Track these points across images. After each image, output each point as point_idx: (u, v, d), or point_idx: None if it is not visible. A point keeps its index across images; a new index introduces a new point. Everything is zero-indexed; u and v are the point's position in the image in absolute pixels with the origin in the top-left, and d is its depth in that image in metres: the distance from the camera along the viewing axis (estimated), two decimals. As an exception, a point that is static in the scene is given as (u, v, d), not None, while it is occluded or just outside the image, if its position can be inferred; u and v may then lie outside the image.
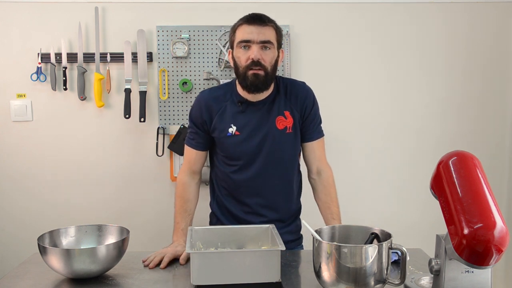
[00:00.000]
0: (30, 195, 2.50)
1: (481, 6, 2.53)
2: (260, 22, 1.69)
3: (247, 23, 1.70)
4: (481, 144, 2.60)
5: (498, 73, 2.59)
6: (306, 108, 1.84)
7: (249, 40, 1.68)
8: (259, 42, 1.68)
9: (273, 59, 1.72)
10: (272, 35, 1.71)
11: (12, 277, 1.48)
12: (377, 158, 2.60)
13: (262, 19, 1.70)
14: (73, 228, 1.58)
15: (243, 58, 1.70)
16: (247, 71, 1.69)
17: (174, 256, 1.60)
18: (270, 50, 1.71)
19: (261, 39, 1.68)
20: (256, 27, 1.68)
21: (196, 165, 1.88)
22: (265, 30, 1.69)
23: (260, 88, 1.73)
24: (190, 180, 1.87)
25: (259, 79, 1.70)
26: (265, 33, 1.69)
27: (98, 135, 2.49)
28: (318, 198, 1.89)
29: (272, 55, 1.71)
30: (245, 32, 1.69)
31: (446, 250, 1.15)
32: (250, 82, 1.70)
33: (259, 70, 1.69)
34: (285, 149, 1.82)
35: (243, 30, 1.70)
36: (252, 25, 1.69)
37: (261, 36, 1.68)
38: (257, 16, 1.71)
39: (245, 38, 1.69)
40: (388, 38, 2.53)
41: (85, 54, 2.42)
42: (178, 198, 1.85)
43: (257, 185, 1.81)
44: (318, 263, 1.26)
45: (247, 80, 1.70)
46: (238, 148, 1.79)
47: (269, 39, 1.69)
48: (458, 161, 1.18)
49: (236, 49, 1.73)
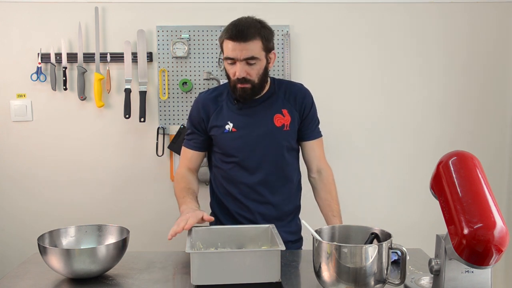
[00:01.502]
0: (30, 195, 2.50)
1: (481, 6, 2.53)
2: (243, 38, 1.67)
3: (230, 39, 1.68)
4: (481, 144, 2.60)
5: (498, 73, 2.58)
6: (305, 108, 1.86)
7: (233, 58, 1.70)
8: (243, 60, 1.69)
9: (260, 70, 1.74)
10: (257, 48, 1.70)
11: (12, 277, 1.48)
12: (377, 158, 2.60)
13: (244, 35, 1.67)
14: (73, 228, 1.58)
15: (231, 72, 1.75)
16: (236, 84, 1.74)
17: (197, 219, 1.53)
18: (255, 64, 1.72)
19: (244, 57, 1.69)
20: (239, 43, 1.67)
21: (193, 164, 1.88)
22: (249, 45, 1.68)
23: (248, 99, 1.79)
24: (189, 173, 1.87)
25: (247, 92, 1.76)
26: (249, 48, 1.68)
27: (98, 135, 2.49)
28: (318, 196, 1.90)
29: (258, 68, 1.73)
30: (229, 49, 1.70)
31: (446, 250, 1.15)
32: (239, 95, 1.77)
33: (245, 85, 1.73)
34: (283, 146, 1.84)
35: (228, 46, 1.70)
36: (235, 41, 1.67)
37: (244, 53, 1.68)
38: (240, 32, 1.67)
39: (229, 55, 1.71)
40: (388, 38, 2.53)
41: (85, 54, 2.42)
42: (178, 183, 1.83)
43: (256, 182, 1.82)
44: (318, 263, 1.26)
45: (236, 92, 1.77)
46: (235, 144, 1.80)
47: (252, 55, 1.69)
48: (458, 161, 1.18)
49: (224, 61, 1.76)
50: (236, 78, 1.72)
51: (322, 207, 1.87)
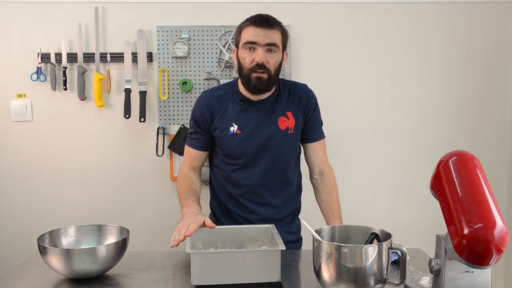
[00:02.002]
0: (30, 195, 2.50)
1: (481, 6, 2.53)
2: (267, 24, 1.68)
3: (254, 25, 1.68)
4: (481, 144, 2.60)
5: (498, 73, 2.59)
6: (309, 110, 1.85)
7: (255, 42, 1.68)
8: (265, 45, 1.68)
9: (277, 62, 1.72)
10: (278, 38, 1.71)
11: (12, 277, 1.48)
12: (378, 158, 2.60)
13: (269, 22, 1.69)
14: (73, 228, 1.58)
15: (248, 60, 1.70)
16: (251, 73, 1.70)
17: (198, 224, 1.49)
18: (275, 53, 1.71)
19: (267, 42, 1.67)
20: (262, 29, 1.67)
21: (196, 163, 1.87)
22: (272, 33, 1.68)
23: (262, 91, 1.74)
24: (192, 172, 1.85)
25: (262, 82, 1.71)
26: (271, 36, 1.68)
27: (98, 135, 2.49)
28: (320, 198, 1.89)
29: (276, 58, 1.72)
30: (252, 33, 1.68)
31: (446, 250, 1.15)
32: (253, 85, 1.71)
33: (262, 73, 1.69)
34: (286, 149, 1.82)
35: (249, 31, 1.69)
36: (259, 27, 1.67)
37: (267, 39, 1.67)
38: (265, 18, 1.70)
39: (251, 39, 1.68)
40: (388, 38, 2.53)
41: (85, 54, 2.42)
42: (181, 182, 1.80)
43: (257, 184, 1.81)
44: (318, 263, 1.26)
45: (250, 82, 1.71)
46: (239, 147, 1.78)
47: (275, 42, 1.69)
48: (458, 161, 1.18)
49: (241, 50, 1.72)
50: (254, 65, 1.68)
51: (323, 209, 1.87)
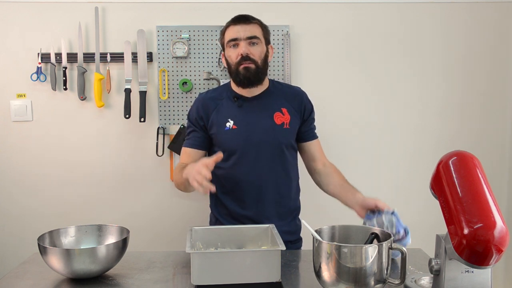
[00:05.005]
0: (30, 195, 2.50)
1: (481, 6, 2.53)
2: (245, 20, 1.81)
3: (233, 24, 1.82)
4: (481, 144, 2.60)
5: (498, 73, 2.58)
6: (306, 110, 1.92)
7: (236, 38, 1.80)
8: (246, 38, 1.79)
9: (262, 53, 1.83)
10: (258, 30, 1.83)
11: (12, 277, 1.48)
12: (377, 158, 2.60)
13: (246, 18, 1.82)
14: (73, 228, 1.58)
15: (234, 56, 1.80)
16: (238, 67, 1.79)
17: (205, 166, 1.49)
18: (258, 45, 1.82)
19: (247, 35, 1.79)
20: (242, 25, 1.80)
21: (192, 160, 1.87)
22: (250, 27, 1.81)
23: (252, 81, 1.81)
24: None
25: (250, 71, 1.79)
26: (251, 29, 1.80)
27: (98, 135, 2.49)
28: (329, 181, 1.88)
29: (260, 50, 1.82)
30: (232, 31, 1.81)
31: (446, 250, 1.15)
32: (242, 76, 1.80)
33: (249, 63, 1.78)
34: (283, 143, 1.86)
35: (230, 31, 1.82)
36: (238, 24, 1.81)
37: (247, 32, 1.79)
38: (242, 16, 1.83)
39: (232, 37, 1.80)
40: (388, 37, 2.53)
41: (85, 54, 2.42)
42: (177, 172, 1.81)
43: (255, 179, 1.83)
44: (318, 263, 1.26)
45: (239, 75, 1.80)
46: (235, 141, 1.82)
47: (255, 35, 1.80)
48: (458, 161, 1.18)
49: (226, 49, 1.84)
50: (240, 58, 1.78)
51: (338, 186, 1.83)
